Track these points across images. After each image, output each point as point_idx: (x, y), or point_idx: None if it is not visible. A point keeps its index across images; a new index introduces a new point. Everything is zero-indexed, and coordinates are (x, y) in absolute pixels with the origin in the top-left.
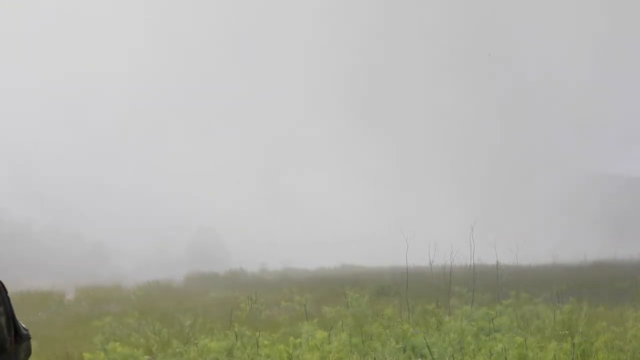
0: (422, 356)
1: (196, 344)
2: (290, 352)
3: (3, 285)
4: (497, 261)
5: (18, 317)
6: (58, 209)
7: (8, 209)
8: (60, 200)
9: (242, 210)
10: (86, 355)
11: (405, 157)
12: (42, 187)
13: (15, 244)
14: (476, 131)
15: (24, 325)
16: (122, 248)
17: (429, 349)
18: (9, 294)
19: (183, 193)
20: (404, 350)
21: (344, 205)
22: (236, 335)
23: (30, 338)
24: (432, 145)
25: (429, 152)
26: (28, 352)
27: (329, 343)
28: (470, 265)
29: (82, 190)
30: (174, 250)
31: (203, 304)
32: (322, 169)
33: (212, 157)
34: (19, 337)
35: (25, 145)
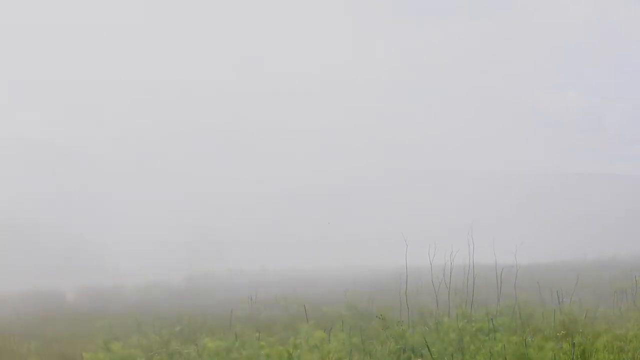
0: (421, 356)
1: (196, 344)
2: (290, 352)
3: None
4: (496, 261)
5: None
6: (59, 209)
7: (9, 210)
8: (61, 201)
9: (242, 210)
10: (86, 355)
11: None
12: (44, 188)
13: (17, 244)
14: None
15: None
16: (122, 249)
17: (428, 349)
18: None
19: (182, 193)
20: (404, 351)
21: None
22: (236, 335)
23: None
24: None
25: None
26: None
27: (329, 343)
28: (470, 265)
29: (83, 191)
30: (174, 250)
31: (203, 304)
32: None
33: (213, 158)
34: None
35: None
